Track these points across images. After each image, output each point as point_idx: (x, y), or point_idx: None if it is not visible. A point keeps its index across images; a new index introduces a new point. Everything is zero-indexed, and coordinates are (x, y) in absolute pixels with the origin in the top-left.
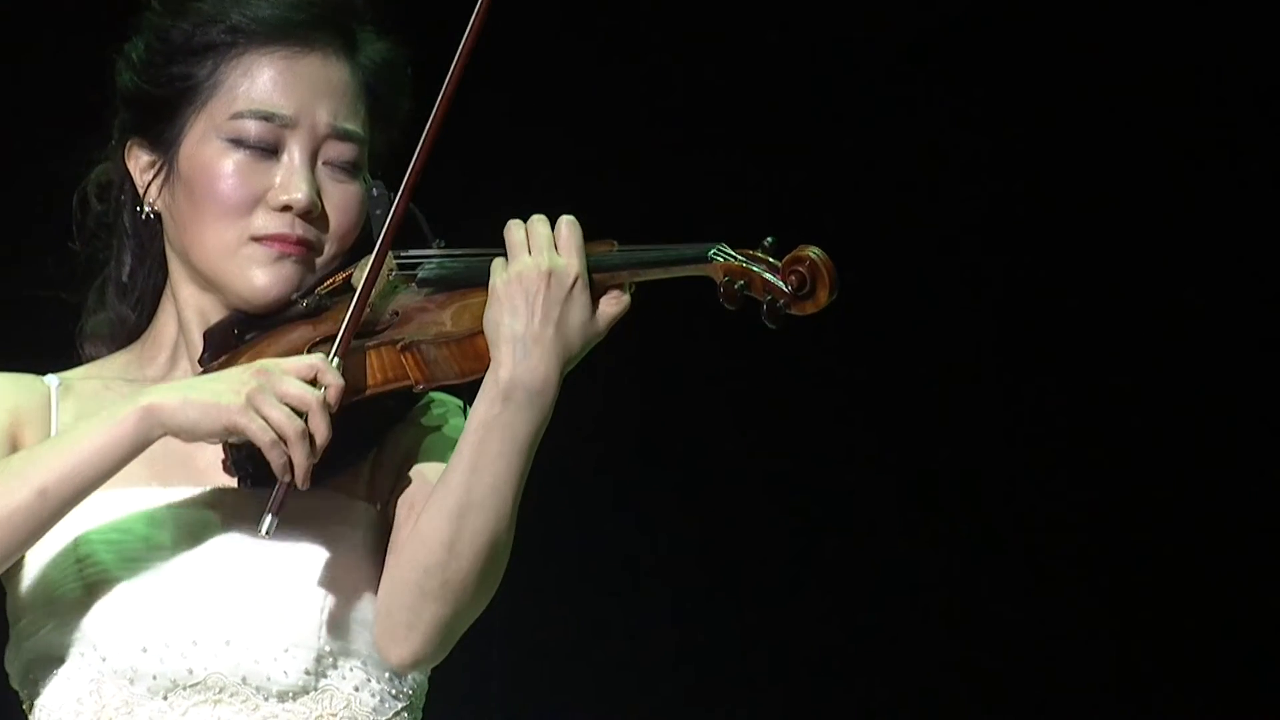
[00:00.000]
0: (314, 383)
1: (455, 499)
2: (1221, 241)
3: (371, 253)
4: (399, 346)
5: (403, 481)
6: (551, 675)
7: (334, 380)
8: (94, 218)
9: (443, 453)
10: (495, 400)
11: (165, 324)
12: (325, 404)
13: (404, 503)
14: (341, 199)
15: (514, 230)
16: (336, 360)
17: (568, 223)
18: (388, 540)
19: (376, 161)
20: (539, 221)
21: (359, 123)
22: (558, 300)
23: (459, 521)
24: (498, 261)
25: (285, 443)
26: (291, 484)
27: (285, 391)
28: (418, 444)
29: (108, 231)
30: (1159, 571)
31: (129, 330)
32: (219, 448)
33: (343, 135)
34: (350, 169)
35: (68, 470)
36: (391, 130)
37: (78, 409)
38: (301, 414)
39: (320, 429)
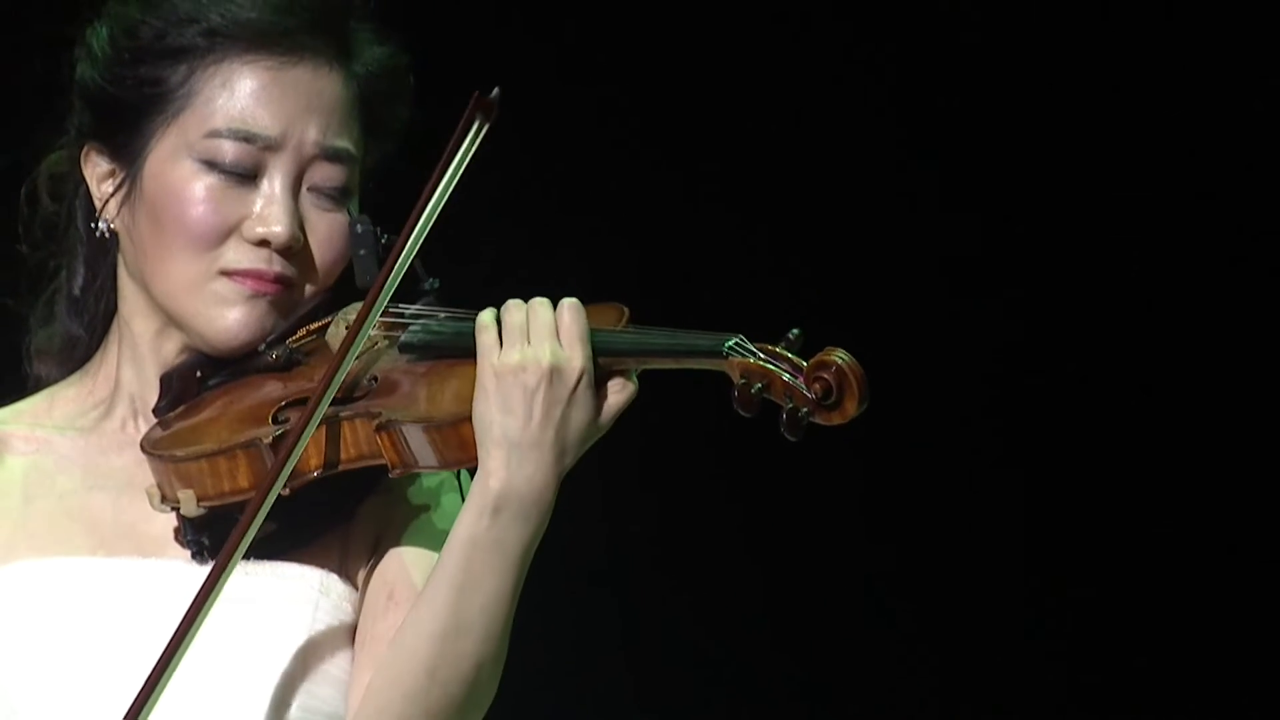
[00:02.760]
0: None
1: (440, 622)
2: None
3: (351, 306)
4: (375, 424)
5: (382, 561)
6: None
7: None
8: (44, 218)
9: (430, 538)
10: (484, 513)
11: (113, 361)
12: None
13: (381, 588)
14: (327, 231)
15: (513, 311)
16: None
17: (570, 308)
18: (357, 621)
19: (367, 176)
20: (541, 306)
21: (351, 140)
22: (560, 400)
23: (443, 645)
24: (485, 342)
25: None
26: None
27: None
28: (403, 522)
29: (59, 235)
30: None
31: (81, 352)
32: (172, 515)
33: (333, 155)
34: (338, 195)
35: None
36: (387, 143)
37: (24, 467)
38: None
39: None
